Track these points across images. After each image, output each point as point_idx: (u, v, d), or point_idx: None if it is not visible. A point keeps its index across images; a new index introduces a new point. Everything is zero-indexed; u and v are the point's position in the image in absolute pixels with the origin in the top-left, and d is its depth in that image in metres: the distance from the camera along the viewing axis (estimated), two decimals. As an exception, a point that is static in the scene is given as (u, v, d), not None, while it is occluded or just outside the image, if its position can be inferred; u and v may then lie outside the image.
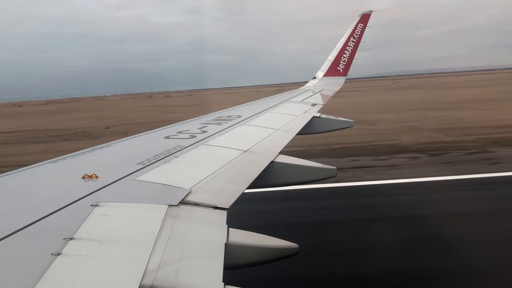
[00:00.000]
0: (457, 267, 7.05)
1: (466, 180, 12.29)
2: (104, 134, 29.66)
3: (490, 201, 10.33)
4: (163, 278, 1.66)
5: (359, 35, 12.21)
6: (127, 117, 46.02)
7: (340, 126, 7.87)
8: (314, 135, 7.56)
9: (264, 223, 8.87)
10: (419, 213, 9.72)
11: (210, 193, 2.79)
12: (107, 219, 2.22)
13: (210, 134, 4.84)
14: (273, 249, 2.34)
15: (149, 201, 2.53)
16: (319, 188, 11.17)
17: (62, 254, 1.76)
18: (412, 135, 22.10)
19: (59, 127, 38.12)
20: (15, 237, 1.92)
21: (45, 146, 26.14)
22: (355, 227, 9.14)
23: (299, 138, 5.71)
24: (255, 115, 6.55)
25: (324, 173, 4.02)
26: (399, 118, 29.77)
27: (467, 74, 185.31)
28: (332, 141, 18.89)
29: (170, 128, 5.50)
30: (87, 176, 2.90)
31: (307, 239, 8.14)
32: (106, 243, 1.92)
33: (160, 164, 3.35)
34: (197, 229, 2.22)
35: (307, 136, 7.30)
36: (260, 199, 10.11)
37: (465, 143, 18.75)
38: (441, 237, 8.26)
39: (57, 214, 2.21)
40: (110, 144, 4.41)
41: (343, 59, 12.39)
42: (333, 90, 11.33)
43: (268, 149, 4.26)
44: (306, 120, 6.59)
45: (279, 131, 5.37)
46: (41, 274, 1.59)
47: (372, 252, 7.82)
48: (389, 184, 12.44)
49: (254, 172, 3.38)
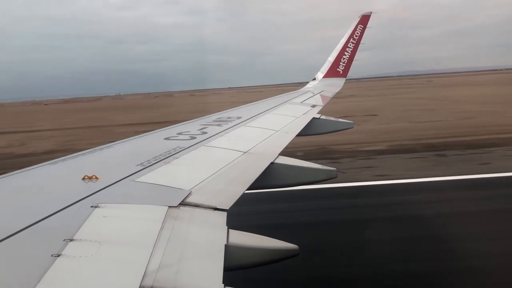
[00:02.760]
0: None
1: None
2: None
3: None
4: (163, 279, 1.67)
5: (359, 36, 12.22)
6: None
7: (340, 127, 7.88)
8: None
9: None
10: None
11: (210, 194, 2.79)
12: (107, 220, 2.22)
13: (210, 135, 4.84)
14: (273, 250, 2.34)
15: (149, 202, 2.53)
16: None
17: (62, 255, 1.76)
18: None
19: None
20: (15, 238, 1.92)
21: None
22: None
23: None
24: (255, 116, 6.55)
25: (324, 174, 4.02)
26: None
27: (472, 75, 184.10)
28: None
29: (170, 129, 5.50)
30: (87, 177, 2.90)
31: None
32: (106, 244, 1.92)
33: (160, 165, 3.36)
34: (197, 230, 2.22)
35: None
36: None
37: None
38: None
39: (57, 215, 2.21)
40: (110, 145, 4.41)
41: (343, 60, 12.39)
42: (333, 91, 11.34)
43: (268, 150, 4.26)
44: (306, 121, 6.59)
45: (279, 132, 5.37)
46: (41, 275, 1.59)
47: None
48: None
49: (254, 173, 3.38)
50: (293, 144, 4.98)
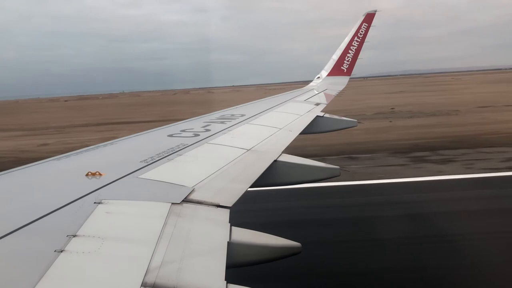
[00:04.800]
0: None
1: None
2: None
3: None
4: (165, 276, 1.67)
5: (363, 35, 12.17)
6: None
7: (344, 125, 7.84)
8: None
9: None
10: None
11: (213, 191, 2.79)
12: (110, 217, 2.22)
13: (213, 132, 4.83)
14: (276, 247, 2.34)
15: (152, 199, 2.53)
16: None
17: (65, 251, 1.76)
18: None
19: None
20: (19, 234, 1.92)
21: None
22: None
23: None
24: (258, 114, 6.54)
25: (327, 172, 4.01)
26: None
27: (481, 73, 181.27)
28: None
29: (173, 126, 5.50)
30: (91, 174, 2.91)
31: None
32: (109, 240, 1.93)
33: (164, 162, 3.36)
34: (200, 228, 2.22)
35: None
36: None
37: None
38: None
39: (61, 211, 2.22)
40: (114, 141, 4.42)
41: (347, 59, 12.35)
42: (337, 89, 11.30)
43: (272, 148, 4.26)
44: (310, 119, 6.58)
45: (282, 130, 5.36)
46: (44, 270, 1.60)
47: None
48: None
49: (257, 171, 3.38)
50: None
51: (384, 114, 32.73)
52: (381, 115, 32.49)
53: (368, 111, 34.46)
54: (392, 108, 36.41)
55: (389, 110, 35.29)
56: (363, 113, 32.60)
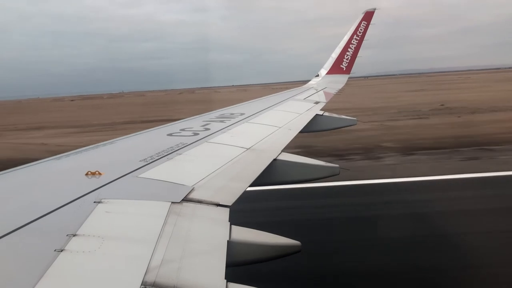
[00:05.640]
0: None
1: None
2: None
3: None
4: (165, 275, 1.67)
5: (363, 33, 12.14)
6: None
7: (343, 124, 7.84)
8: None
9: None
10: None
11: (212, 190, 2.79)
12: (110, 216, 2.22)
13: (213, 131, 4.83)
14: (275, 246, 2.34)
15: (152, 198, 2.54)
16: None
17: (65, 250, 1.77)
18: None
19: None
20: (19, 233, 1.93)
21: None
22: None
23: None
24: (258, 113, 6.54)
25: (327, 171, 4.01)
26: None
27: (483, 73, 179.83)
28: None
29: (173, 125, 5.50)
30: (90, 173, 2.91)
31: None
32: (109, 239, 1.93)
33: (163, 161, 3.36)
34: (200, 227, 2.22)
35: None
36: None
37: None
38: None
39: (61, 211, 2.22)
40: (113, 141, 4.42)
41: (346, 57, 12.32)
42: (336, 88, 11.29)
43: (271, 147, 4.26)
44: (309, 118, 6.57)
45: (282, 129, 5.36)
46: (44, 270, 1.60)
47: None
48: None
49: (256, 170, 3.38)
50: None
51: (440, 110, 31.53)
52: (439, 111, 31.21)
53: (417, 108, 33.32)
54: (442, 105, 34.74)
55: (440, 107, 33.80)
56: (418, 109, 31.79)
